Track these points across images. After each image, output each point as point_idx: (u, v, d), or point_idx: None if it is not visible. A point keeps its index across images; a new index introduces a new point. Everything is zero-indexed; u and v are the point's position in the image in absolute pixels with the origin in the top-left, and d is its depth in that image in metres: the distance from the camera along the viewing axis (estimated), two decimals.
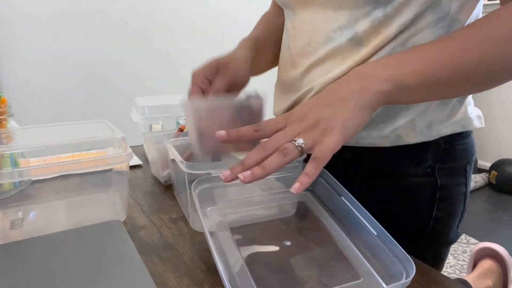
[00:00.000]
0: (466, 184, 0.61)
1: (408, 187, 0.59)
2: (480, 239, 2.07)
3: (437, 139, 0.57)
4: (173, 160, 0.62)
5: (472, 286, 1.15)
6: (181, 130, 0.83)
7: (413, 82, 0.43)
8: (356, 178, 0.61)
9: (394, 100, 0.45)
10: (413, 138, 0.56)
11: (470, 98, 0.61)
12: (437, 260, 0.64)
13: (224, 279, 0.38)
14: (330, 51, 0.57)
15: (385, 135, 0.56)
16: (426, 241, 0.62)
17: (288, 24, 0.67)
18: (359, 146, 0.59)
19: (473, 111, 0.60)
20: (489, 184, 2.74)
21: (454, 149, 0.59)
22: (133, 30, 2.09)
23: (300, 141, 0.41)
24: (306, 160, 0.57)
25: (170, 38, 2.20)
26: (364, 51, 0.54)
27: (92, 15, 1.98)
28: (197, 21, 2.23)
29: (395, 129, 0.56)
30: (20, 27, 1.84)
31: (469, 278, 1.24)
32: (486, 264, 1.27)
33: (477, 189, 2.70)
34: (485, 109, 2.98)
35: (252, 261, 0.45)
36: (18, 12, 1.82)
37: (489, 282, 1.21)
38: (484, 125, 0.59)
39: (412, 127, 0.55)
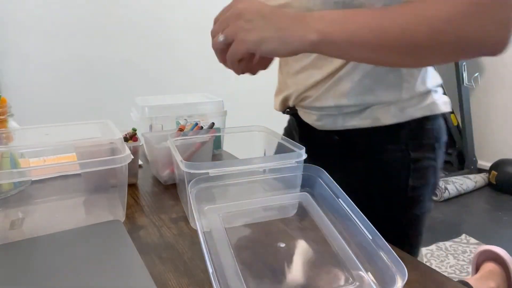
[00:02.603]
0: (435, 159, 0.68)
1: (387, 161, 0.67)
2: (480, 239, 2.07)
3: (409, 121, 0.64)
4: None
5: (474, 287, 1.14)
6: (181, 130, 0.83)
7: (340, 38, 0.49)
8: (343, 156, 0.69)
9: (321, 50, 0.51)
10: (389, 119, 0.63)
11: (439, 88, 0.68)
12: (415, 226, 0.71)
13: (213, 279, 0.38)
14: (309, 60, 0.66)
15: (365, 117, 0.65)
16: (405, 206, 0.69)
17: None
18: (345, 129, 0.67)
19: (440, 98, 0.67)
20: (489, 184, 2.73)
21: (423, 129, 0.66)
22: (133, 30, 2.09)
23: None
24: (306, 161, 0.57)
25: (170, 38, 2.20)
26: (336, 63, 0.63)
27: (92, 15, 1.98)
28: (198, 21, 2.23)
29: (372, 111, 0.64)
30: (20, 27, 1.84)
31: (471, 280, 1.23)
32: (489, 266, 1.27)
33: (477, 189, 2.70)
34: (485, 109, 3.00)
35: (245, 262, 0.45)
36: (18, 12, 1.82)
37: (491, 284, 1.20)
38: (451, 110, 0.66)
39: (387, 110, 0.63)
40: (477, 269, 1.33)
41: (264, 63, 0.60)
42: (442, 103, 0.67)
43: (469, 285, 1.14)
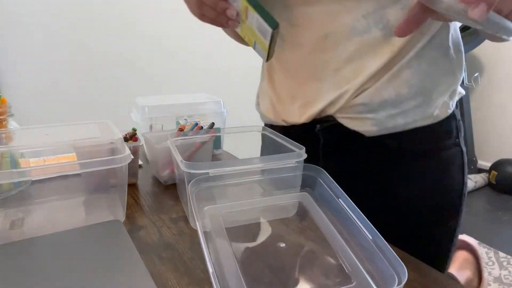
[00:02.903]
0: None
1: (445, 160, 0.62)
2: (480, 239, 2.07)
3: (453, 112, 0.62)
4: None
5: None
6: (181, 130, 0.83)
7: None
8: (397, 162, 0.63)
9: None
10: (444, 112, 0.60)
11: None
12: (457, 230, 0.68)
13: (213, 279, 0.38)
14: (358, 44, 0.56)
15: (426, 116, 0.59)
16: (460, 206, 0.65)
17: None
18: (403, 130, 0.60)
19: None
20: (489, 184, 2.73)
21: (460, 122, 0.64)
22: (134, 30, 2.09)
23: None
24: (306, 161, 0.57)
25: (170, 38, 2.20)
26: (400, 42, 0.55)
27: (92, 15, 1.98)
28: (198, 21, 2.24)
29: (430, 107, 0.59)
30: (20, 27, 1.84)
31: (452, 270, 1.30)
32: (462, 255, 1.37)
33: (477, 189, 2.70)
34: (485, 109, 2.99)
35: (245, 261, 0.45)
36: (18, 12, 1.82)
37: (468, 272, 1.31)
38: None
39: (444, 103, 0.60)
40: None
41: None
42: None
43: (457, 278, 1.21)
